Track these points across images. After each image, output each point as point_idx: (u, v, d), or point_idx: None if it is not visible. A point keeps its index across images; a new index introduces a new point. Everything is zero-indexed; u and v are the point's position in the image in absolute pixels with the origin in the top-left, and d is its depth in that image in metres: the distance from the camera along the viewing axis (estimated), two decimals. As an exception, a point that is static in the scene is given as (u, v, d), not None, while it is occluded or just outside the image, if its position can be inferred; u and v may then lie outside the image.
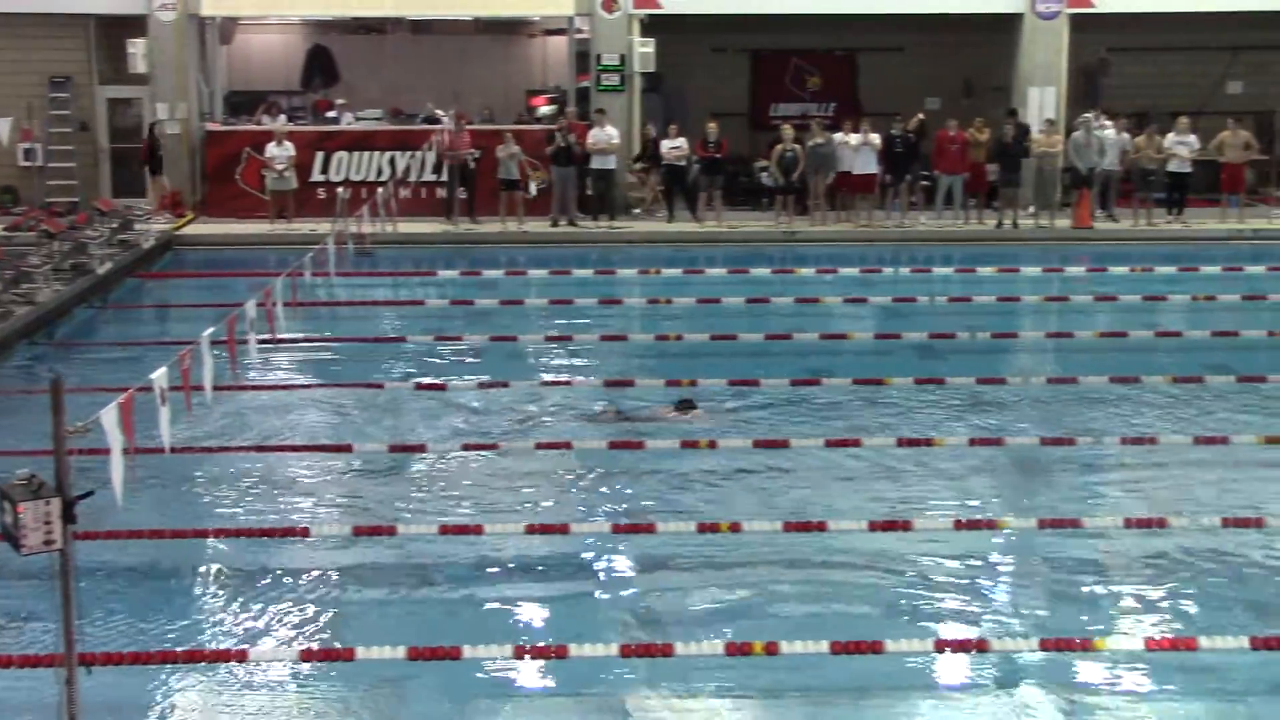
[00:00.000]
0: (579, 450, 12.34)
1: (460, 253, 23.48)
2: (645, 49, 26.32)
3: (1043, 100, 26.18)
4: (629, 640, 8.56)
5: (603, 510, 11.06)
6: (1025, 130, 25.04)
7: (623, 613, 9.34)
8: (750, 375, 14.35)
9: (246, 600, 9.43)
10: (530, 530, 10.18)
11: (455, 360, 15.91)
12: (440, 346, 16.46)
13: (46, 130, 26.26)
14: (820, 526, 9.99)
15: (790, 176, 24.93)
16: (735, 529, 9.95)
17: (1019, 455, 12.26)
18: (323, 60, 29.04)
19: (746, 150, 27.85)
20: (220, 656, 8.30)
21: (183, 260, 23.40)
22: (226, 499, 11.41)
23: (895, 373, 14.39)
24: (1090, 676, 8.21)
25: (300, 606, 9.32)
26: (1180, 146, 24.78)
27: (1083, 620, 9.01)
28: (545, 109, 27.65)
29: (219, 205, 25.90)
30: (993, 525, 10.32)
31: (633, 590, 9.71)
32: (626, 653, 8.20)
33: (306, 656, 8.32)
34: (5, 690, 8.05)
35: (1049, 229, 24.78)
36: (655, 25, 26.75)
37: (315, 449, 12.55)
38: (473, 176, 25.24)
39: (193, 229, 25.08)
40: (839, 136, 25.10)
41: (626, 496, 11.37)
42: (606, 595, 9.65)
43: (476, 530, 10.14)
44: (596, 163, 25.09)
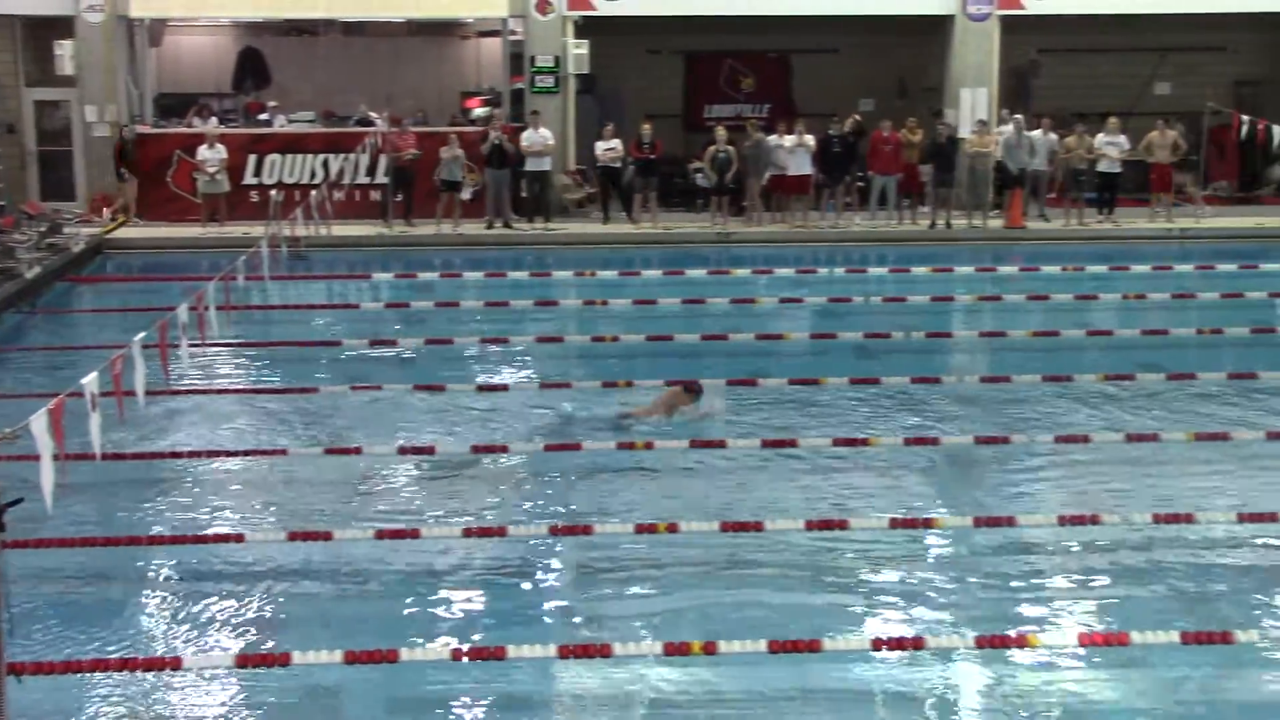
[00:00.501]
0: (515, 452, 12.31)
1: (395, 255, 23.40)
2: (579, 51, 26.33)
3: (975, 101, 26.40)
4: (567, 641, 8.54)
5: (540, 512, 11.03)
6: (953, 134, 25.23)
7: (560, 614, 9.33)
8: (686, 376, 14.34)
9: (181, 607, 9.33)
10: (468, 533, 10.15)
11: (391, 363, 15.83)
12: (376, 350, 16.37)
13: (-28, 133, 25.97)
14: (757, 526, 10.01)
15: (724, 177, 25.01)
16: (673, 529, 9.96)
17: (954, 454, 12.33)
18: (254, 62, 28.81)
19: (681, 151, 27.91)
20: (154, 664, 8.20)
21: (113, 264, 23.17)
22: (160, 505, 11.29)
23: (831, 373, 14.45)
24: (1025, 672, 8.27)
25: (236, 612, 9.24)
26: (1110, 147, 25.06)
27: (1018, 617, 9.08)
28: (480, 111, 27.59)
29: (150, 208, 25.67)
30: (929, 524, 10.37)
31: (570, 591, 9.70)
32: (564, 654, 8.18)
33: (242, 662, 8.25)
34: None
35: (982, 229, 24.98)
36: (589, 27, 26.75)
37: (250, 454, 12.43)
38: (412, 178, 25.15)
39: (123, 232, 24.84)
40: (774, 138, 25.20)
41: (564, 498, 11.35)
42: (544, 597, 9.62)
43: (413, 534, 10.09)
44: (531, 165, 25.07)
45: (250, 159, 25.88)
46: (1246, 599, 9.36)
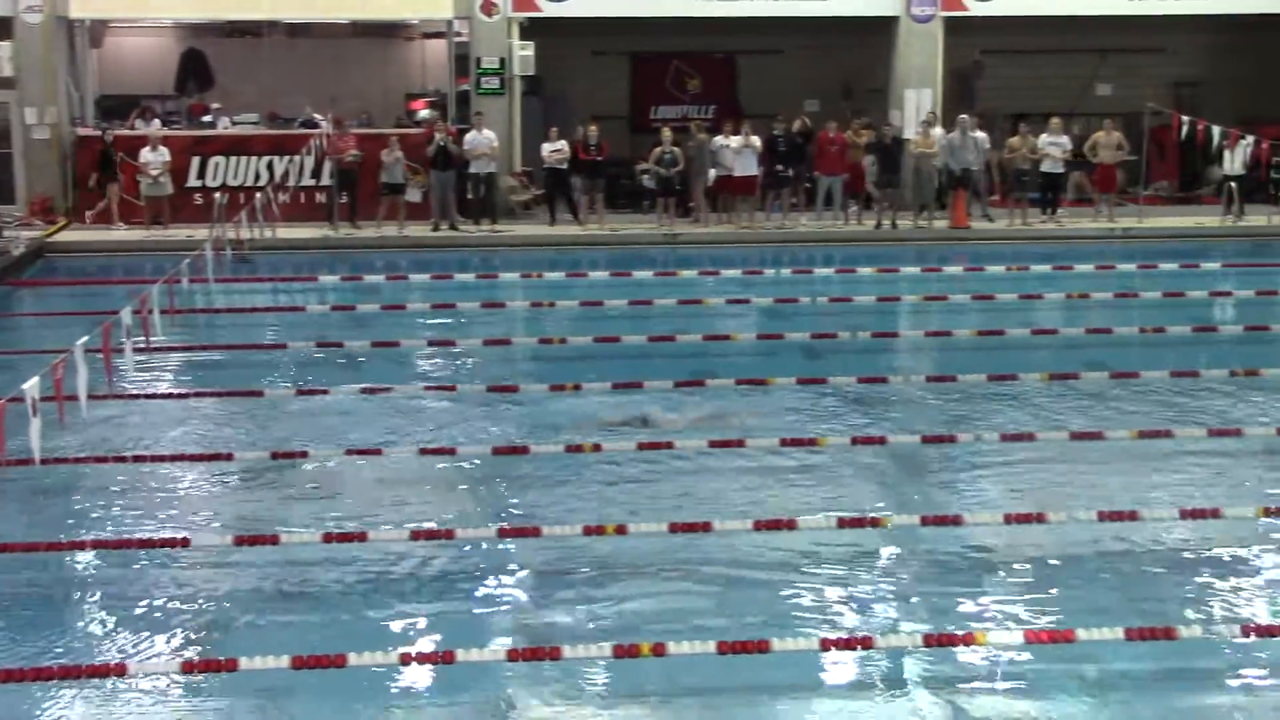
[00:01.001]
0: (463, 455, 12.28)
1: (341, 258, 23.30)
2: (525, 52, 26.31)
3: (919, 102, 26.56)
4: (516, 644, 8.52)
5: (488, 515, 10.99)
6: (898, 134, 25.38)
7: (509, 616, 9.31)
8: (634, 378, 14.35)
9: (124, 613, 9.24)
10: (415, 536, 10.09)
11: (337, 366, 15.75)
12: (322, 352, 16.28)
13: (-90, 135, 25.68)
14: (705, 527, 10.01)
15: (671, 179, 25.05)
16: (621, 531, 9.95)
17: (900, 453, 12.39)
18: (197, 64, 28.63)
19: (627, 153, 27.93)
20: (98, 671, 8.11)
21: (55, 268, 22.95)
22: (103, 510, 11.18)
23: (778, 373, 14.48)
24: (973, 670, 8.31)
25: (181, 618, 9.16)
26: (1053, 147, 25.27)
27: (965, 615, 9.12)
28: (425, 113, 27.52)
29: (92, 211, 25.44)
30: (876, 523, 10.41)
31: (519, 594, 9.68)
32: (514, 656, 8.16)
33: (188, 668, 8.17)
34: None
35: (927, 229, 25.13)
36: (535, 28, 26.75)
37: (194, 458, 12.33)
38: (355, 180, 25.05)
39: (65, 236, 24.63)
40: (720, 139, 25.26)
41: (512, 501, 11.32)
42: (493, 599, 9.60)
43: (361, 537, 10.03)
44: (476, 166, 25.02)
45: (194, 161, 25.71)
46: (1189, 595, 9.44)
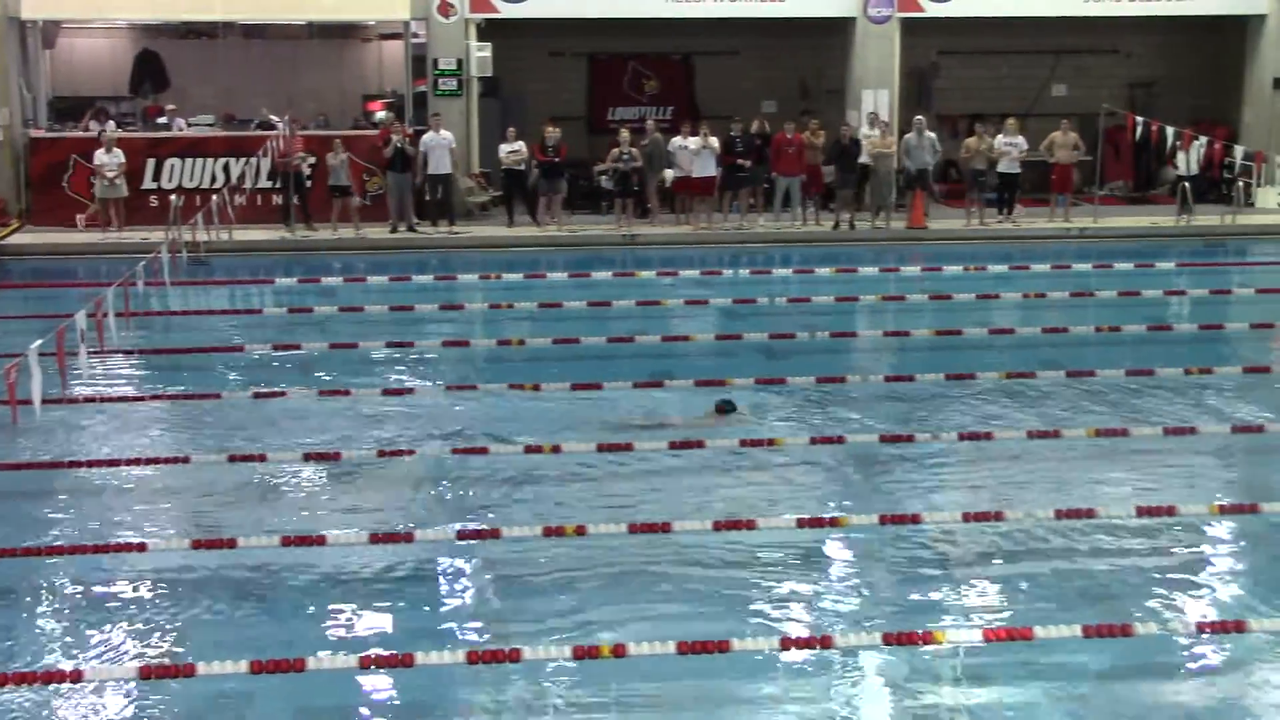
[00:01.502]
0: (422, 457, 12.25)
1: (298, 260, 23.20)
2: (482, 53, 26.26)
3: (876, 102, 26.64)
4: (475, 647, 8.51)
5: (448, 517, 10.97)
6: (855, 135, 25.45)
7: (469, 619, 9.29)
8: (593, 379, 14.35)
9: (81, 618, 9.18)
10: (374, 539, 10.06)
11: (295, 369, 15.68)
12: (279, 355, 16.20)
13: None
14: (665, 528, 10.02)
15: (628, 180, 25.06)
16: (581, 532, 9.94)
17: (859, 453, 12.43)
18: (152, 65, 28.41)
19: (586, 154, 27.92)
20: (54, 677, 8.03)
21: (7, 271, 22.76)
22: (58, 515, 11.10)
23: (736, 373, 14.50)
24: (932, 668, 8.35)
25: (138, 623, 9.10)
26: (1009, 147, 25.40)
27: (924, 613, 9.16)
28: (381, 114, 27.43)
29: (45, 214, 25.26)
30: (835, 523, 10.43)
31: (479, 596, 9.67)
32: (473, 659, 8.14)
33: (145, 673, 8.11)
34: None
35: (884, 229, 25.22)
36: (492, 29, 26.70)
37: (151, 461, 12.24)
38: (305, 182, 24.94)
39: (18, 239, 24.43)
40: (677, 140, 25.29)
41: (472, 503, 11.30)
42: (453, 602, 9.58)
43: (319, 540, 9.99)
44: (434, 167, 24.95)
45: (149, 163, 25.55)
46: (1146, 592, 9.52)
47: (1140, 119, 26.15)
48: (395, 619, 9.22)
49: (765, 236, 25.08)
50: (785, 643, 8.43)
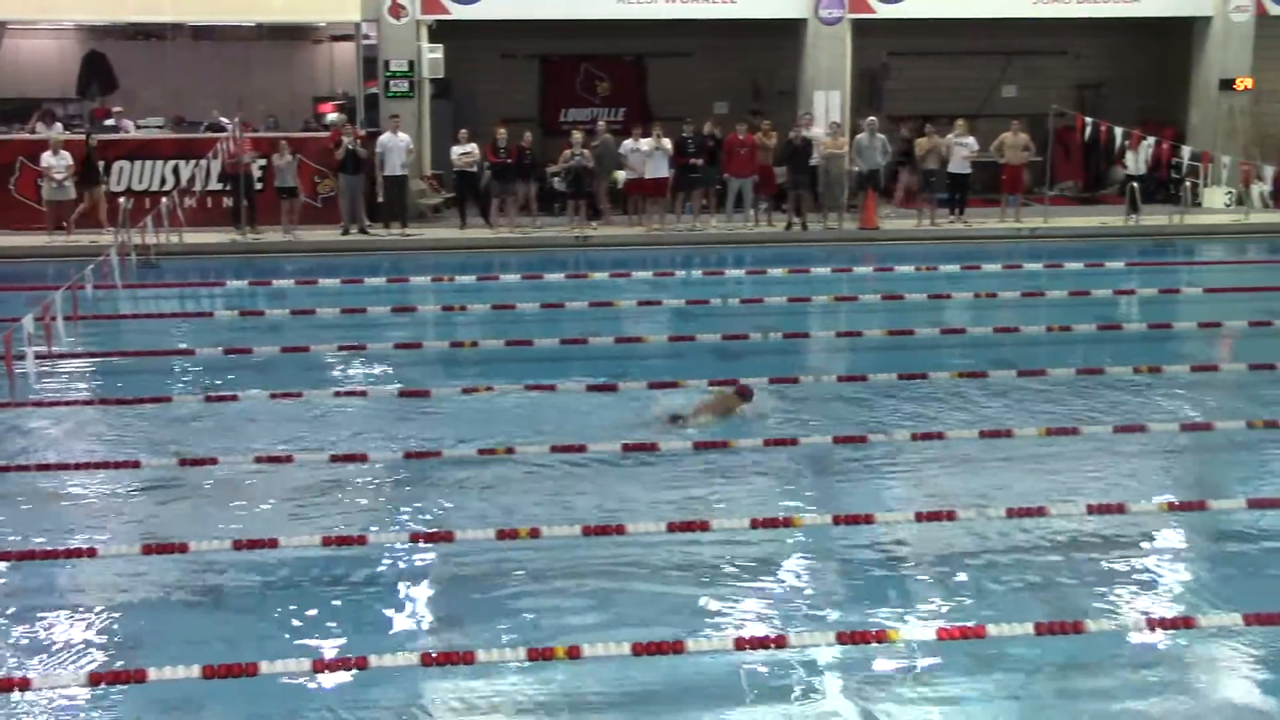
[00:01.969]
0: (375, 460, 12.20)
1: (249, 263, 23.07)
2: (434, 55, 26.20)
3: (828, 103, 26.73)
4: (430, 649, 8.48)
5: (401, 520, 10.93)
6: (807, 140, 25.53)
7: (423, 622, 9.27)
8: (545, 380, 14.34)
9: (30, 625, 9.08)
10: (327, 542, 10.01)
11: (246, 372, 15.58)
12: (230, 358, 16.10)
13: None
14: (619, 530, 10.01)
15: (581, 181, 25.06)
16: (534, 534, 9.93)
17: (812, 453, 12.46)
18: (99, 66, 28.21)
19: (538, 156, 27.86)
20: (2, 685, 7.96)
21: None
22: (6, 520, 10.98)
23: (689, 375, 14.51)
24: (886, 667, 8.38)
25: (88, 629, 9.02)
26: (960, 148, 25.54)
27: (877, 613, 9.18)
28: (332, 116, 27.33)
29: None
30: (788, 523, 10.45)
31: (433, 599, 9.63)
32: (428, 661, 8.12)
33: (95, 680, 8.04)
34: None
35: (837, 230, 25.31)
36: (443, 31, 26.65)
37: (101, 466, 12.15)
38: (252, 184, 24.80)
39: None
40: (629, 142, 25.31)
41: (425, 505, 11.26)
42: (406, 605, 9.54)
43: (271, 544, 9.91)
44: (390, 169, 24.87)
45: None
46: (1096, 589, 9.57)
47: (1089, 120, 26.37)
48: (348, 622, 9.17)
49: (718, 237, 25.13)
50: (740, 643, 8.43)
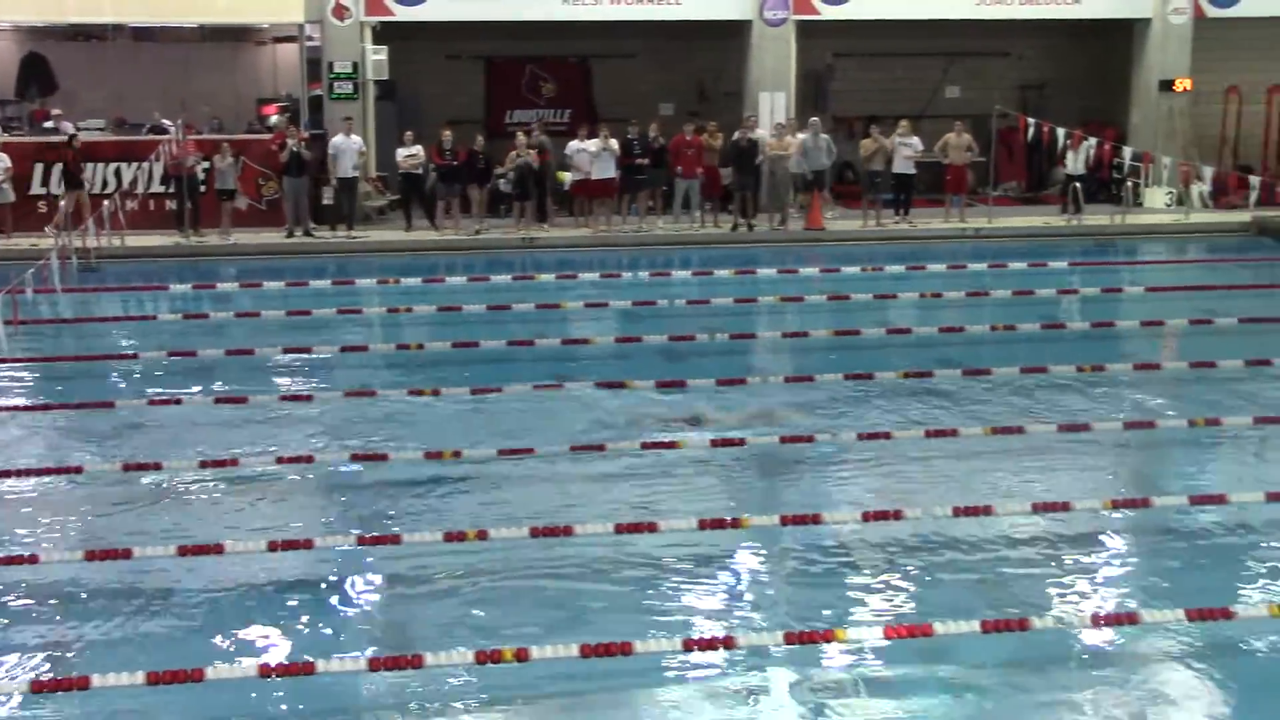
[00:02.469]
0: (321, 463, 12.13)
1: (192, 266, 22.90)
2: (378, 56, 26.10)
3: (773, 105, 26.80)
4: (377, 653, 8.44)
5: (347, 523, 10.88)
6: (752, 142, 25.57)
7: (371, 626, 9.22)
8: (492, 383, 14.31)
9: (-29, 633, 9.00)
10: (273, 547, 9.93)
11: (190, 376, 15.45)
12: (174, 361, 15.97)
13: None
14: (567, 531, 10.00)
15: (526, 182, 25.04)
16: (482, 536, 9.90)
17: (760, 454, 12.49)
18: (38, 68, 27.93)
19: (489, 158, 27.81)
20: (-57, 694, 7.89)
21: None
22: (-53, 528, 10.87)
23: (636, 375, 14.52)
24: (834, 666, 8.41)
25: (30, 636, 8.93)
26: (904, 149, 25.66)
27: (825, 612, 9.21)
28: (276, 118, 27.17)
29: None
30: (736, 524, 10.46)
31: (381, 603, 9.60)
32: (375, 666, 8.08)
33: (38, 688, 7.96)
34: None
35: (783, 231, 25.37)
36: (387, 32, 26.55)
37: (42, 472, 12.03)
38: (196, 186, 24.63)
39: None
40: (575, 144, 25.28)
41: (371, 509, 11.21)
42: (354, 609, 9.50)
43: (217, 550, 9.85)
44: (341, 171, 24.75)
45: (37, 168, 25.08)
46: (1042, 587, 9.64)
47: (1032, 120, 26.57)
48: (295, 627, 9.12)
49: (664, 238, 25.14)
50: (688, 644, 8.44)
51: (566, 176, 25.66)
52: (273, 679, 8.06)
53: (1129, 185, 26.11)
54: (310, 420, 13.60)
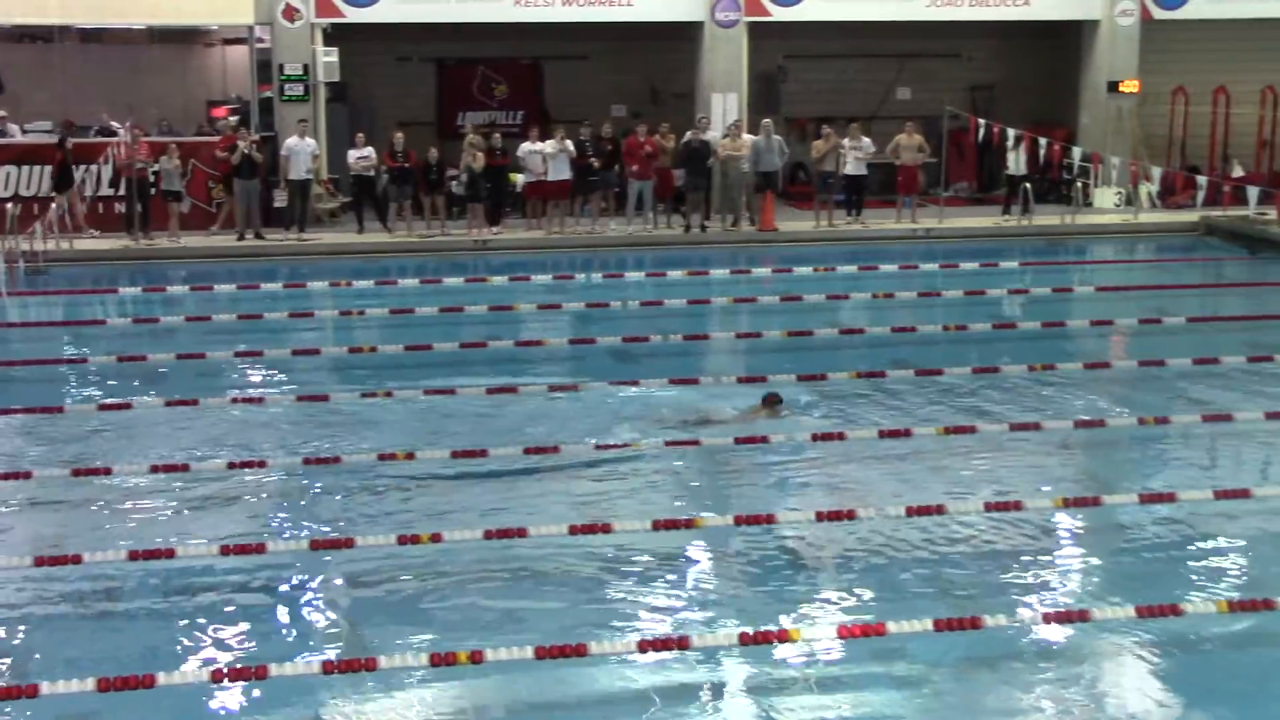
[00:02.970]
0: (273, 467, 12.07)
1: (143, 269, 22.72)
2: (329, 58, 25.95)
3: (726, 106, 26.83)
4: (331, 657, 8.41)
5: (300, 527, 10.83)
6: (705, 143, 25.58)
7: (324, 629, 9.18)
8: (446, 385, 14.27)
9: (-81, 640, 8.91)
10: (225, 551, 9.88)
11: (141, 380, 15.34)
12: (124, 366, 15.85)
13: None
14: (521, 533, 10.00)
15: (478, 184, 24.98)
16: (436, 539, 9.88)
17: (713, 454, 12.51)
18: (-17, 70, 27.69)
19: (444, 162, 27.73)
20: (-109, 702, 7.81)
21: None
22: (-106, 535, 10.76)
23: (591, 376, 14.52)
24: (788, 666, 8.43)
25: (-21, 644, 8.86)
26: (856, 150, 25.74)
27: (779, 612, 9.23)
28: (223, 121, 26.99)
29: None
30: (690, 524, 10.49)
31: (334, 606, 9.55)
32: (329, 669, 8.05)
33: (-13, 696, 7.90)
34: None
35: (736, 232, 25.42)
36: (338, 34, 26.43)
37: (-9, 478, 11.93)
38: (147, 189, 24.43)
39: None
40: (527, 145, 25.23)
41: (324, 513, 11.16)
42: (307, 613, 9.45)
43: (169, 554, 9.78)
44: (295, 174, 24.59)
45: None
46: (994, 585, 9.70)
47: (982, 121, 26.71)
48: (248, 631, 9.07)
49: (617, 240, 25.13)
50: (643, 645, 8.44)
51: (518, 178, 25.61)
52: (225, 684, 8.02)
53: (1078, 185, 26.28)
54: (262, 423, 13.51)
